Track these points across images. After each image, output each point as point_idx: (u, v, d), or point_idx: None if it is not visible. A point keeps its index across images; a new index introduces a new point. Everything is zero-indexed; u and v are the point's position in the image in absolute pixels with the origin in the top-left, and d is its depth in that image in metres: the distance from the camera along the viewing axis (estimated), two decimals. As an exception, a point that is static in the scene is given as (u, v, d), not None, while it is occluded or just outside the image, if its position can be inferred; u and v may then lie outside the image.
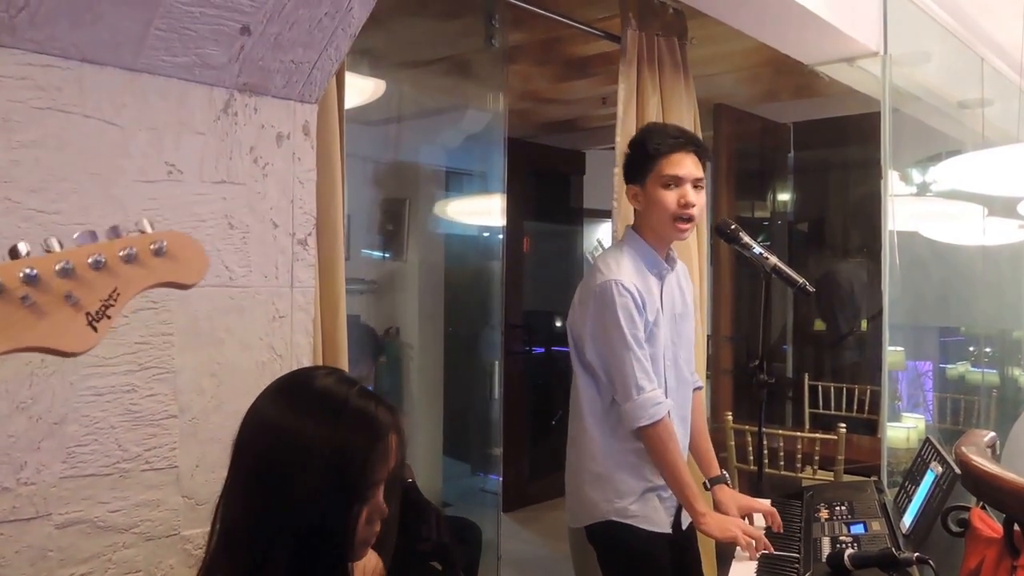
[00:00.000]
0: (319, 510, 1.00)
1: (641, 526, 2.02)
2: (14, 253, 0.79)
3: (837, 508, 1.99)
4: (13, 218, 1.36)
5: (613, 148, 2.98)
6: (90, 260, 0.82)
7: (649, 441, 1.97)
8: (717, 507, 2.11)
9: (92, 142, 1.43)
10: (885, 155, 3.20)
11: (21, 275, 0.78)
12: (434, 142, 4.37)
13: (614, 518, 2.02)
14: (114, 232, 0.86)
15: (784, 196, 5.44)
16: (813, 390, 4.77)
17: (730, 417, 3.60)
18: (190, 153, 1.57)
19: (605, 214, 3.21)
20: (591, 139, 5.16)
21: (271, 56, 1.60)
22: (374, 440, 1.03)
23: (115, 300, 0.84)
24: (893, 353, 3.41)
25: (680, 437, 2.08)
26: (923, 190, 4.11)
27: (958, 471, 1.50)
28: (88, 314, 0.82)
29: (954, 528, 1.46)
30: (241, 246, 1.66)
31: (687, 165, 2.02)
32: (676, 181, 2.00)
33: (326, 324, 2.10)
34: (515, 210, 4.95)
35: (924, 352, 4.59)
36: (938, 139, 4.12)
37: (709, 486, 2.16)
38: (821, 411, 4.70)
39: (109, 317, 0.84)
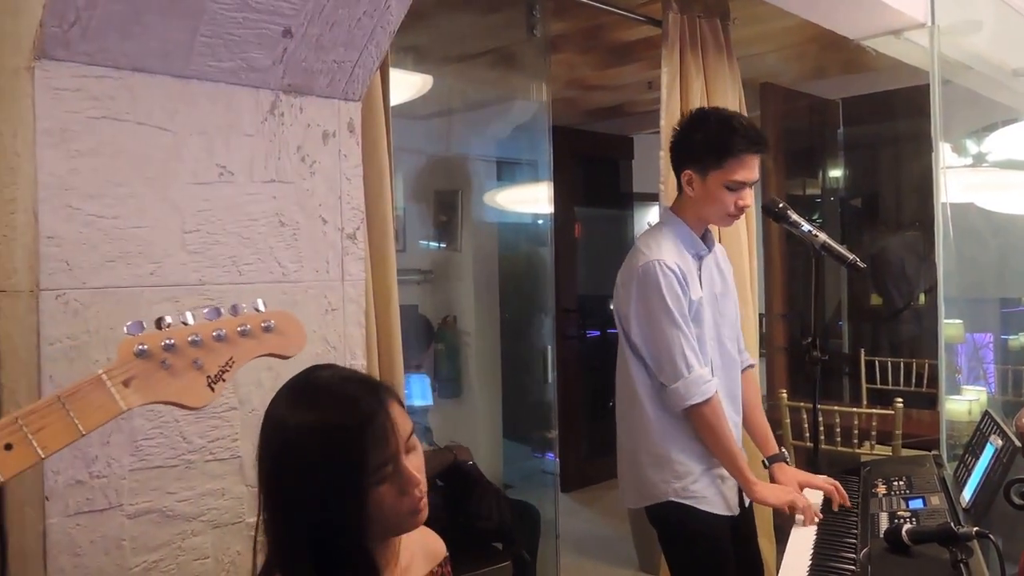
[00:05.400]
0: (327, 497, 1.02)
1: (702, 507, 1.98)
2: (159, 323, 0.96)
3: (895, 483, 1.93)
4: (75, 224, 1.38)
5: (658, 132, 2.93)
6: (214, 333, 1.00)
7: (700, 420, 1.94)
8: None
9: (146, 148, 1.44)
10: (935, 127, 3.07)
11: (163, 344, 0.95)
12: (483, 133, 4.36)
13: (674, 499, 1.98)
14: (234, 310, 1.03)
15: (836, 172, 5.28)
16: (870, 365, 4.63)
17: (785, 394, 3.52)
18: (240, 155, 1.57)
19: (654, 197, 3.17)
20: (638, 124, 5.09)
21: (313, 57, 1.59)
22: (363, 420, 1.02)
23: (230, 366, 1.01)
24: (951, 326, 3.29)
25: (729, 415, 2.03)
26: (978, 161, 3.94)
27: (1019, 443, 1.44)
28: (208, 376, 0.99)
29: (1017, 500, 1.40)
30: (292, 243, 1.66)
31: (754, 169, 1.96)
32: (740, 186, 1.95)
33: (379, 315, 2.11)
34: (565, 197, 4.91)
35: (984, 324, 4.41)
36: (993, 109, 3.94)
37: (767, 464, 2.11)
38: (878, 386, 4.57)
39: (224, 380, 1.00)
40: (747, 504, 2.11)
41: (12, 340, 1.43)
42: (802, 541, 1.80)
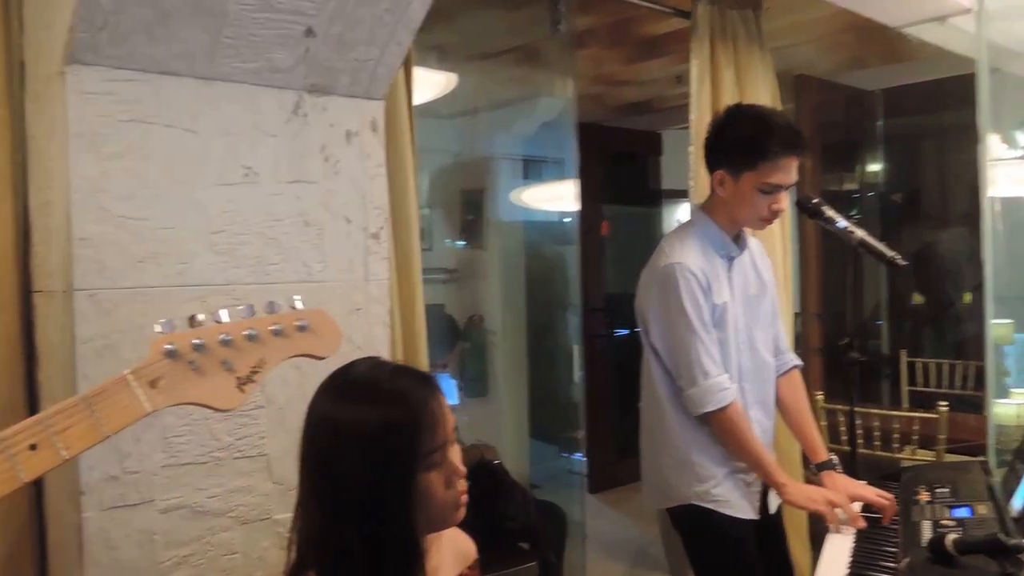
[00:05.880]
0: (378, 490, 1.04)
1: (724, 511, 1.98)
2: (192, 321, 0.96)
3: (939, 490, 1.85)
4: (107, 226, 1.45)
5: (688, 127, 2.94)
6: (245, 333, 0.99)
7: (717, 427, 1.93)
8: None
9: (173, 150, 1.51)
10: (982, 118, 3.03)
11: (192, 343, 0.94)
12: (509, 131, 4.39)
13: (695, 502, 1.99)
14: (269, 307, 1.02)
15: (874, 167, 5.23)
16: (911, 367, 4.58)
17: (821, 396, 3.50)
18: (264, 155, 1.63)
19: (683, 194, 3.17)
20: (667, 119, 5.08)
21: (336, 56, 1.65)
22: (414, 411, 1.06)
23: (261, 367, 1.00)
24: (999, 326, 3.23)
25: (760, 420, 2.03)
26: (1030, 153, 3.88)
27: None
28: (238, 378, 0.98)
29: (1071, 510, 1.36)
30: (317, 243, 1.72)
31: (791, 172, 1.91)
32: (775, 189, 1.91)
33: (404, 314, 2.15)
34: (592, 194, 4.92)
35: (1035, 324, 4.34)
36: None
37: (816, 471, 2.05)
38: (920, 388, 4.51)
39: (254, 381, 1.00)
40: (775, 508, 2.10)
41: (49, 339, 1.51)
42: (839, 549, 1.77)
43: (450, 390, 3.62)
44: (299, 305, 1.04)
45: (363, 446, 1.05)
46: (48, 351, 1.50)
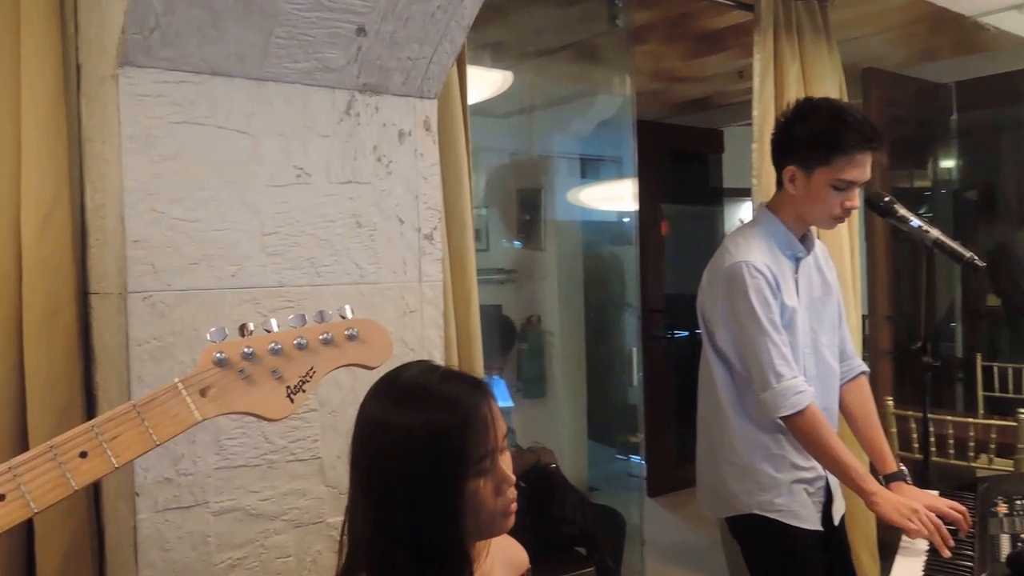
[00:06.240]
0: (427, 494, 1.03)
1: (788, 521, 1.90)
2: (243, 330, 0.95)
3: (1018, 502, 1.77)
4: (160, 227, 1.44)
5: (750, 124, 2.85)
6: (295, 342, 0.98)
7: (796, 431, 1.85)
8: None
9: (225, 151, 1.50)
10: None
11: (242, 352, 0.94)
12: (566, 130, 4.35)
13: (757, 511, 1.92)
14: (320, 316, 1.01)
15: (947, 163, 5.02)
16: (987, 371, 4.37)
17: (891, 402, 3.36)
18: (317, 156, 1.61)
19: (746, 193, 3.08)
20: (729, 116, 4.98)
21: (388, 54, 1.62)
22: (465, 416, 1.05)
23: (311, 377, 0.99)
24: (1082, 328, 3.06)
25: None
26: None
27: None
28: (288, 387, 0.98)
29: None
30: (369, 243, 1.69)
31: (865, 168, 1.84)
32: (849, 186, 1.84)
33: (459, 316, 2.12)
34: (651, 193, 4.85)
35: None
36: None
37: (885, 483, 1.94)
38: (997, 394, 4.30)
39: (304, 391, 0.98)
40: (839, 519, 2.02)
41: (105, 341, 1.51)
42: (910, 564, 1.69)
43: (503, 393, 3.58)
44: (350, 314, 1.03)
45: (411, 451, 1.04)
46: (104, 353, 1.51)
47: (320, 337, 1.00)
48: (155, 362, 1.45)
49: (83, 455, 0.85)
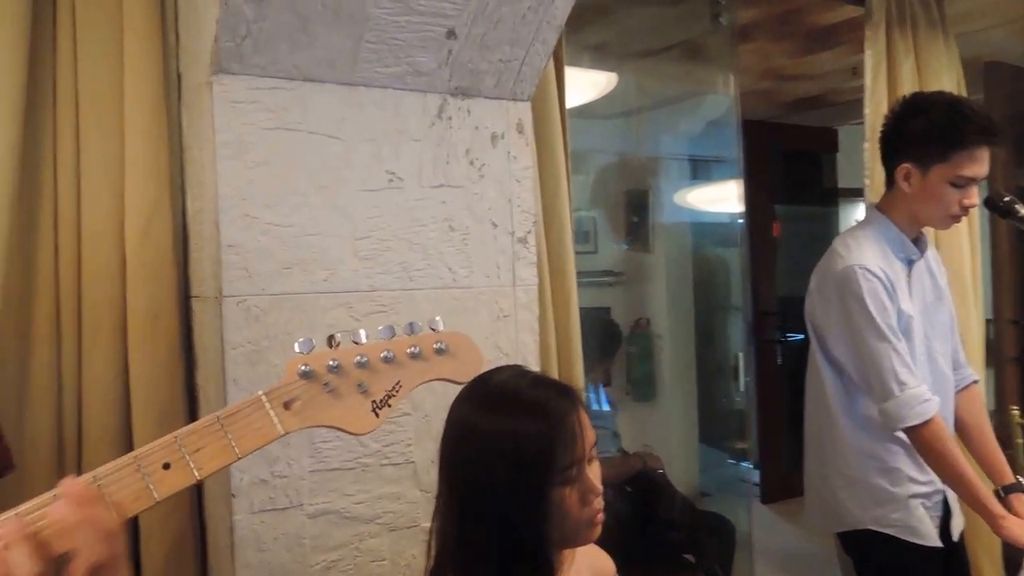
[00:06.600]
0: (512, 500, 1.01)
1: (905, 537, 1.74)
2: (331, 341, 0.91)
3: None
4: (253, 232, 1.41)
5: (863, 123, 2.65)
6: (382, 355, 0.92)
7: (920, 443, 1.67)
8: None
9: (317, 157, 1.46)
10: None
11: (328, 365, 0.90)
12: (673, 131, 4.21)
13: (872, 527, 1.76)
14: (410, 328, 0.95)
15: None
16: None
17: (1017, 412, 3.04)
18: (408, 160, 1.55)
19: (861, 193, 2.86)
20: (843, 114, 4.66)
21: (479, 57, 1.54)
22: (552, 424, 1.02)
23: (397, 391, 0.94)
24: None
25: None
26: None
27: None
28: (373, 401, 0.92)
29: None
30: (462, 247, 1.62)
31: (984, 164, 1.69)
32: (968, 182, 1.68)
33: (559, 319, 2.02)
34: (763, 194, 4.63)
35: None
36: None
37: (1003, 495, 1.79)
38: None
39: (390, 406, 0.93)
40: (958, 534, 1.84)
41: (204, 344, 1.50)
42: None
43: (603, 399, 3.44)
44: (441, 326, 0.97)
45: (498, 456, 1.02)
46: (204, 356, 1.50)
47: (408, 350, 0.94)
48: (249, 365, 1.42)
49: (166, 466, 0.82)
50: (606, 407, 3.32)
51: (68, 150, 1.45)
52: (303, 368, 0.89)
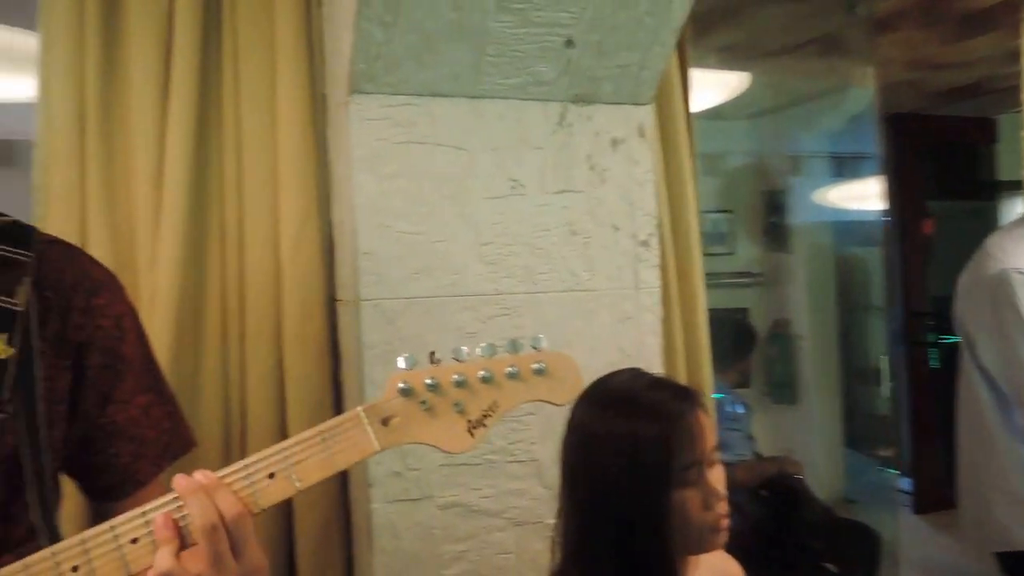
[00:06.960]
0: (631, 502, 1.00)
1: None
2: (432, 357, 0.91)
3: None
4: (386, 240, 1.46)
5: (1020, 111, 2.39)
6: (480, 374, 0.91)
7: None
8: None
9: (443, 168, 1.49)
10: None
11: (426, 383, 0.89)
12: (813, 128, 3.99)
13: None
14: (512, 345, 0.94)
15: None
16: None
17: None
18: (531, 167, 1.56)
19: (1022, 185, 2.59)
20: (1002, 103, 4.24)
21: (597, 64, 1.52)
22: (669, 425, 1.00)
23: (493, 411, 0.92)
24: None
25: None
26: None
27: None
28: (469, 421, 0.91)
29: None
30: (583, 251, 1.60)
31: None
32: None
33: (686, 323, 1.96)
34: (913, 190, 4.29)
35: None
36: None
37: None
38: None
39: (486, 426, 0.91)
40: None
41: (347, 344, 1.57)
42: None
43: (737, 401, 3.29)
44: (544, 344, 0.94)
45: (615, 458, 1.00)
46: (347, 355, 1.56)
47: (506, 370, 0.92)
48: (383, 365, 1.46)
49: (271, 476, 0.85)
50: (740, 409, 3.18)
51: (231, 167, 1.56)
52: (402, 385, 0.90)
